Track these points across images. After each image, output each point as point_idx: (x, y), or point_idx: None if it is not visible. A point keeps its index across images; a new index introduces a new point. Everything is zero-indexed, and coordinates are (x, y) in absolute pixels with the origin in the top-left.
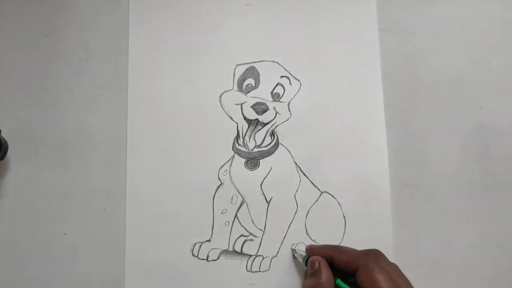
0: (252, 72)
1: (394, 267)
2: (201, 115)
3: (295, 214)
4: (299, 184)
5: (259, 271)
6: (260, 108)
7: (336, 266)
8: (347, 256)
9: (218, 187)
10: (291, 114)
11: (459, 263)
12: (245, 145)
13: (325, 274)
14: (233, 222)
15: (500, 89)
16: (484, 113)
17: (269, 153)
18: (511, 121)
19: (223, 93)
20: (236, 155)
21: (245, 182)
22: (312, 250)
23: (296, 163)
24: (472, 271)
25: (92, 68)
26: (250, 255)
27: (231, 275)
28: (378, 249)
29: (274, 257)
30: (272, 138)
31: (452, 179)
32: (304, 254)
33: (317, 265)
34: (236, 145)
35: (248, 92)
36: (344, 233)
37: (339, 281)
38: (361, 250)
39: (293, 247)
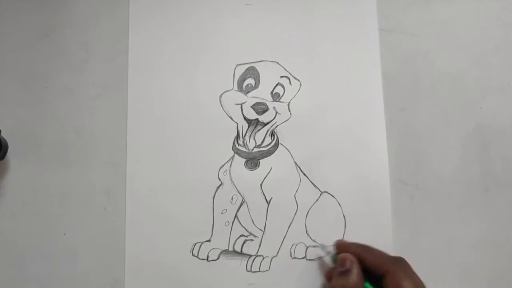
0: (252, 72)
1: (419, 279)
2: (201, 115)
3: (295, 214)
4: (299, 184)
5: (259, 271)
6: (260, 108)
7: (363, 265)
8: (377, 259)
9: (218, 187)
10: (291, 114)
11: (459, 263)
12: (245, 145)
13: (355, 277)
14: (233, 222)
15: (500, 89)
16: (484, 113)
17: (269, 153)
18: (511, 121)
19: (223, 93)
20: (236, 155)
21: (245, 182)
22: (342, 246)
23: (296, 163)
24: (472, 271)
25: (92, 68)
26: (250, 255)
27: (231, 275)
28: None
29: (274, 257)
30: (272, 138)
31: (452, 179)
32: (333, 252)
33: (348, 265)
34: (236, 145)
35: (248, 92)
36: (344, 233)
37: (367, 285)
38: (391, 256)
39: (322, 243)
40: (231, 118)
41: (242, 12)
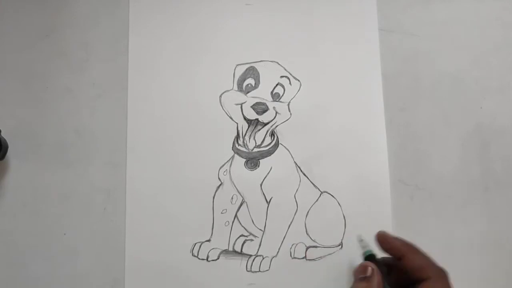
0: (252, 72)
1: None
2: (201, 115)
3: (295, 214)
4: (299, 184)
5: (259, 271)
6: (260, 108)
7: (402, 264)
8: (422, 261)
9: (218, 187)
10: (291, 114)
11: (459, 263)
12: (245, 145)
13: (376, 285)
14: (233, 222)
15: (500, 89)
16: (484, 113)
17: (269, 153)
18: (511, 121)
19: (223, 93)
20: (236, 155)
21: (245, 182)
22: (385, 240)
23: (296, 163)
24: (472, 271)
25: (92, 68)
26: (250, 255)
27: (231, 275)
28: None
29: (274, 257)
30: (272, 138)
31: (452, 179)
32: (367, 249)
33: (369, 272)
34: (236, 145)
35: (248, 92)
36: (344, 233)
37: None
38: (435, 263)
39: (359, 236)
40: (231, 118)
41: (242, 12)
